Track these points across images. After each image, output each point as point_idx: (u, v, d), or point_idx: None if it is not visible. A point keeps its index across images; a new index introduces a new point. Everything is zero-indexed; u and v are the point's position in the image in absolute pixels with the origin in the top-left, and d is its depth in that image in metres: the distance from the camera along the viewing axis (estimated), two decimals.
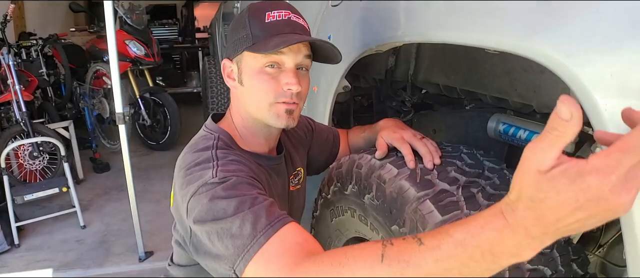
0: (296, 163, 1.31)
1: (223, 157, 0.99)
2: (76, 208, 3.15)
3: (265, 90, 1.03)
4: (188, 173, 0.96)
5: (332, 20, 1.54)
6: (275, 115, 1.05)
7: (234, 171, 0.94)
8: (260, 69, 1.03)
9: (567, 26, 0.68)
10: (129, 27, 4.50)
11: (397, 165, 1.06)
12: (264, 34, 1.01)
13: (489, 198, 0.95)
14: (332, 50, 1.08)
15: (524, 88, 1.22)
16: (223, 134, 1.09)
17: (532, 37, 0.72)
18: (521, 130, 1.27)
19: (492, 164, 1.09)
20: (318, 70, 1.68)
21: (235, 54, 1.07)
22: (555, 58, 0.69)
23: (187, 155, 1.03)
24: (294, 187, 1.30)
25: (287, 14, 1.04)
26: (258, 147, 1.14)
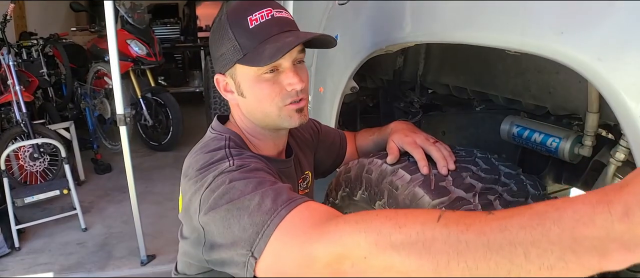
0: (304, 167, 1.28)
1: (237, 154, 0.94)
2: (77, 211, 3.11)
3: (270, 97, 0.99)
4: (201, 172, 0.92)
5: (339, 19, 1.50)
6: (288, 117, 1.01)
7: (251, 162, 0.90)
8: (259, 77, 0.98)
9: (598, 26, 0.64)
10: (131, 27, 4.46)
11: (409, 171, 1.02)
12: (253, 42, 0.95)
13: (507, 205, 0.91)
14: (327, 38, 1.03)
15: (538, 89, 1.18)
16: (233, 135, 1.04)
17: (559, 38, 0.68)
18: (536, 133, 1.23)
19: (508, 169, 1.05)
20: (325, 71, 1.65)
21: (226, 68, 1.01)
22: (585, 61, 0.64)
23: (198, 156, 0.97)
24: (302, 192, 1.26)
25: (268, 11, 0.96)
26: (267, 150, 1.11)
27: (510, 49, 0.79)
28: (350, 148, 1.42)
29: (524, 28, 0.75)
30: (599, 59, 0.62)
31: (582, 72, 0.66)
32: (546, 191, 1.02)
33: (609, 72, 0.62)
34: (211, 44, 1.04)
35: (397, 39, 1.12)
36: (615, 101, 0.62)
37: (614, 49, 0.62)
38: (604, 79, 0.62)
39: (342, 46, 1.46)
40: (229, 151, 0.95)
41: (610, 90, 0.62)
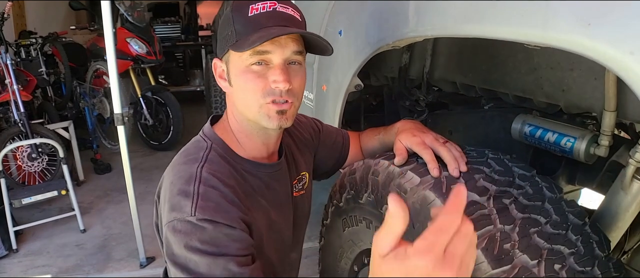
0: (300, 168, 1.23)
1: (205, 184, 0.93)
2: (76, 212, 3.06)
3: (252, 90, 0.96)
4: (171, 190, 0.95)
5: (343, 14, 1.45)
6: (266, 116, 0.98)
7: (213, 210, 0.90)
8: (246, 68, 0.96)
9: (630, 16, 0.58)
10: (130, 25, 4.41)
11: (419, 173, 0.97)
12: (246, 30, 0.94)
13: (524, 210, 0.86)
14: (322, 43, 1.00)
15: (551, 87, 1.13)
16: (217, 142, 1.05)
17: (587, 30, 0.62)
18: (549, 133, 1.18)
19: (522, 171, 1.00)
20: (328, 68, 1.59)
21: (222, 53, 1.02)
22: (616, 55, 0.59)
23: (177, 166, 1.00)
24: (297, 193, 1.22)
25: (272, 4, 0.95)
26: (256, 151, 1.08)
27: (530, 42, 0.74)
28: (354, 148, 1.38)
29: (546, 20, 0.69)
30: (632, 52, 0.57)
31: (612, 67, 0.60)
32: (562, 193, 0.97)
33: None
34: (218, 28, 1.04)
35: (405, 33, 1.06)
36: None
37: None
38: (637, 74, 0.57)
39: (346, 42, 1.41)
40: (199, 173, 0.95)
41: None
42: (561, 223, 0.86)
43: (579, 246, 0.84)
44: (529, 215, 0.85)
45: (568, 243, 0.83)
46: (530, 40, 0.73)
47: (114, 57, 2.29)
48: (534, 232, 0.82)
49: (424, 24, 1.00)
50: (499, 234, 0.80)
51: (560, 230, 0.85)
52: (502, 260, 0.78)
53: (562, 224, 0.86)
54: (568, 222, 0.88)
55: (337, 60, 1.47)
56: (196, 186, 0.92)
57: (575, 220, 0.89)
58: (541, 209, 0.88)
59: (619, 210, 1.00)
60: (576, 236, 0.85)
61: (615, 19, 0.60)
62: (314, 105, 1.79)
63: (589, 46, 0.62)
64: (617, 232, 1.03)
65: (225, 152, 1.04)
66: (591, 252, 0.85)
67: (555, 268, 0.79)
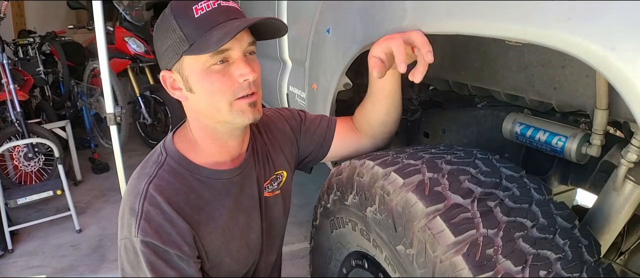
0: (276, 166, 1.22)
1: (149, 202, 0.97)
2: (71, 212, 3.04)
3: (220, 91, 0.95)
4: (124, 202, 1.01)
5: (331, 11, 1.41)
6: (240, 113, 0.97)
7: (155, 231, 0.95)
8: (207, 69, 0.94)
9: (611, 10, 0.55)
10: (129, 24, 4.40)
11: (402, 175, 0.94)
12: (199, 31, 0.90)
13: (509, 213, 0.83)
14: (276, 24, 0.99)
15: (542, 84, 1.10)
16: (173, 154, 1.05)
17: (567, 25, 0.59)
18: (540, 132, 1.15)
19: (511, 171, 0.97)
20: (317, 67, 1.57)
21: (172, 62, 0.96)
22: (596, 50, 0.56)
23: (132, 179, 1.04)
24: (271, 193, 1.21)
25: (215, 1, 0.92)
26: (218, 156, 1.08)
27: (511, 39, 0.71)
28: (344, 129, 1.31)
29: (526, 15, 0.66)
30: (613, 48, 0.54)
31: (593, 63, 0.57)
32: (551, 195, 0.93)
33: (624, 62, 0.53)
34: (155, 41, 0.99)
35: (390, 30, 1.03)
36: (631, 96, 0.54)
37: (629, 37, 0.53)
38: (618, 71, 0.54)
39: (334, 40, 1.38)
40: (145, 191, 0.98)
41: (625, 83, 0.54)
42: (548, 227, 0.83)
43: (567, 251, 0.81)
44: (514, 219, 0.82)
45: (555, 248, 0.80)
46: (510, 36, 0.70)
47: (106, 56, 2.26)
48: (519, 237, 0.79)
49: (407, 21, 0.97)
50: (481, 239, 0.77)
51: (547, 234, 0.82)
52: (484, 267, 0.74)
53: (550, 228, 0.83)
54: (556, 225, 0.85)
55: (326, 58, 1.44)
56: (141, 204, 0.96)
57: (564, 224, 0.86)
58: (528, 212, 0.84)
59: (612, 211, 0.97)
60: (564, 240, 0.82)
61: (596, 14, 0.57)
62: (306, 104, 1.77)
63: (569, 42, 0.59)
64: (610, 234, 1.00)
65: (180, 163, 1.04)
66: (580, 257, 0.82)
67: (541, 274, 0.76)
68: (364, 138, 1.27)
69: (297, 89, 1.87)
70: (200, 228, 1.02)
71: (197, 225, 1.01)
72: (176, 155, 1.05)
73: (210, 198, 1.05)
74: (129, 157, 3.96)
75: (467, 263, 0.75)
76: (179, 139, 1.09)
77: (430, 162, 0.96)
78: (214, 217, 1.05)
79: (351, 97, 1.81)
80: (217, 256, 1.07)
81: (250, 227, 1.15)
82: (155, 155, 1.06)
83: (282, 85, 2.08)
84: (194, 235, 1.00)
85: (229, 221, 1.08)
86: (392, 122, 1.23)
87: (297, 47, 1.82)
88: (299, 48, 1.77)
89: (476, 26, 0.77)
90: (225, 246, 1.08)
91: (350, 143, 1.29)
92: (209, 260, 1.06)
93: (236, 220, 1.10)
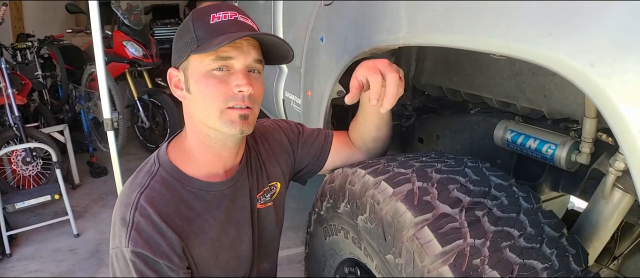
0: (271, 178, 1.23)
1: (140, 212, 0.98)
2: (69, 216, 3.05)
3: (214, 95, 0.96)
4: (116, 212, 1.02)
5: (324, 20, 1.43)
6: (228, 122, 0.98)
7: (145, 241, 0.96)
8: (208, 73, 0.96)
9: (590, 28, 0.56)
10: (127, 28, 4.39)
11: (392, 184, 0.94)
12: (209, 35, 0.94)
13: (497, 222, 0.84)
14: (283, 47, 1.01)
15: (532, 92, 1.11)
16: (165, 165, 1.06)
17: (547, 41, 0.60)
18: (531, 139, 1.15)
19: (500, 180, 0.98)
20: (312, 74, 1.58)
21: (180, 61, 1.00)
22: (575, 66, 0.57)
23: (125, 189, 1.05)
24: (263, 205, 1.21)
25: (233, 14, 0.97)
26: (211, 167, 1.09)
27: (495, 53, 0.71)
28: (339, 143, 1.32)
29: (508, 30, 0.67)
30: (592, 64, 0.55)
31: (573, 78, 0.58)
32: (540, 203, 0.94)
33: (603, 79, 0.54)
34: (174, 39, 1.04)
35: (379, 41, 1.05)
36: (610, 111, 0.55)
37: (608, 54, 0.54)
38: (597, 87, 0.55)
39: (327, 49, 1.39)
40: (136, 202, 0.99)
41: (602, 98, 0.55)
42: (536, 236, 0.84)
43: (554, 260, 0.82)
44: (501, 228, 0.83)
45: (542, 258, 0.81)
46: (494, 50, 0.71)
47: (103, 61, 2.27)
48: (506, 246, 0.80)
49: (396, 32, 0.98)
50: (468, 249, 0.78)
51: (534, 244, 0.82)
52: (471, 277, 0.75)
53: (537, 237, 0.84)
54: (543, 234, 0.85)
55: (320, 66, 1.45)
56: (132, 214, 0.98)
57: (552, 233, 0.87)
58: (515, 221, 0.85)
59: (601, 219, 0.97)
60: (551, 250, 0.83)
61: (576, 31, 0.57)
62: (301, 110, 1.77)
63: (549, 57, 0.60)
64: (600, 241, 1.01)
65: (172, 174, 1.05)
66: (567, 266, 0.83)
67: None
68: (358, 152, 1.29)
69: (293, 95, 1.88)
70: (190, 240, 1.03)
71: (187, 237, 1.02)
72: (169, 166, 1.06)
73: (201, 210, 1.06)
74: (127, 160, 3.97)
75: (453, 274, 0.76)
76: (173, 148, 1.10)
77: (420, 171, 0.97)
78: (204, 229, 1.06)
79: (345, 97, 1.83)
80: (206, 268, 1.08)
81: (241, 239, 1.15)
82: (148, 166, 1.07)
83: (278, 91, 2.09)
84: (184, 247, 1.01)
85: (219, 233, 1.09)
86: (383, 136, 1.24)
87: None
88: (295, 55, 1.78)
89: (461, 40, 0.78)
90: (215, 258, 1.09)
91: (346, 156, 1.29)
92: (198, 271, 1.07)
93: (226, 232, 1.11)
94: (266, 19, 2.21)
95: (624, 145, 0.54)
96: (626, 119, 0.52)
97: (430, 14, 0.86)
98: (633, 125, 0.52)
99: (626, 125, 0.52)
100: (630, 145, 0.53)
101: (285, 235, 1.42)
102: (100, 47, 2.22)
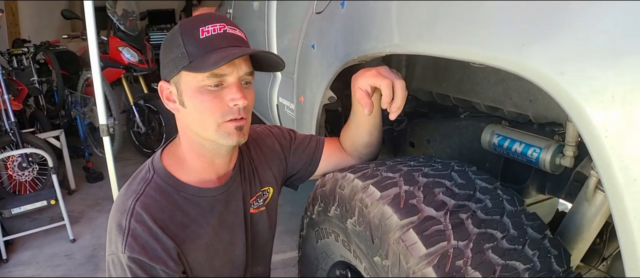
0: (263, 183, 1.25)
1: (136, 219, 1.00)
2: (65, 222, 3.06)
3: (210, 110, 0.99)
4: (112, 218, 1.03)
5: (316, 28, 1.46)
6: (225, 134, 1.01)
7: (141, 247, 0.98)
8: (202, 88, 0.97)
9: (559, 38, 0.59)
10: (122, 34, 4.41)
11: (380, 188, 0.97)
12: (200, 51, 0.95)
13: (480, 225, 0.86)
14: (274, 59, 1.04)
15: (518, 97, 1.13)
16: (160, 172, 1.08)
17: (522, 51, 0.63)
18: (517, 143, 1.18)
19: (485, 183, 1.00)
20: (304, 80, 1.60)
21: (171, 75, 1.01)
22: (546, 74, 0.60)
23: (120, 196, 1.07)
24: (256, 209, 1.24)
25: (222, 26, 0.98)
26: (205, 173, 1.11)
27: (473, 61, 0.74)
28: (331, 149, 1.34)
29: (485, 40, 0.70)
30: (562, 73, 0.58)
31: (544, 86, 0.61)
32: (524, 206, 0.97)
33: (572, 86, 0.57)
34: (161, 52, 1.04)
35: (368, 49, 1.07)
36: (579, 118, 0.57)
37: (576, 63, 0.57)
38: (567, 94, 0.58)
39: (318, 56, 1.42)
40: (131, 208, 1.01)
41: (572, 105, 0.57)
42: (518, 238, 0.86)
43: (536, 261, 0.84)
44: (485, 230, 0.85)
45: (524, 259, 0.83)
46: (472, 59, 0.74)
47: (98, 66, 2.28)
48: (489, 248, 0.82)
49: (382, 41, 1.01)
50: (452, 250, 0.81)
51: (516, 245, 0.85)
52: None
53: (520, 239, 0.86)
54: (526, 236, 0.88)
55: (311, 73, 1.48)
56: (128, 220, 1.00)
57: (534, 234, 0.89)
58: (499, 223, 0.88)
59: (584, 221, 1.00)
60: (533, 251, 0.85)
61: (547, 41, 0.60)
62: (294, 116, 1.80)
63: (523, 66, 0.63)
64: (583, 243, 1.03)
65: (167, 180, 1.07)
66: (548, 267, 0.85)
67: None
68: (350, 157, 1.31)
69: (286, 100, 1.91)
70: (185, 245, 1.05)
71: (182, 242, 1.05)
72: (163, 172, 1.08)
73: (195, 215, 1.09)
74: (123, 165, 3.98)
75: (437, 274, 0.79)
76: (167, 155, 1.12)
77: (407, 175, 0.99)
78: (198, 234, 1.08)
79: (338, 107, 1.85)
80: (201, 272, 1.10)
81: (234, 244, 1.18)
82: (143, 172, 1.09)
83: (272, 97, 2.12)
84: (179, 252, 1.03)
85: (213, 238, 1.11)
86: (375, 142, 1.27)
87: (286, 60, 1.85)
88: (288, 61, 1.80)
89: (443, 49, 0.81)
90: (209, 263, 1.11)
91: (337, 162, 1.32)
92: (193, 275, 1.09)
93: (220, 237, 1.13)
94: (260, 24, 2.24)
95: (592, 149, 0.57)
96: (593, 124, 0.55)
97: (415, 24, 0.89)
98: (599, 130, 0.54)
99: (593, 129, 0.55)
100: (598, 149, 0.55)
101: (280, 238, 1.44)
102: (95, 53, 2.23)
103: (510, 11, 0.67)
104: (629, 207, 0.55)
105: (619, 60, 0.52)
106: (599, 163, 0.56)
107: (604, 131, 0.54)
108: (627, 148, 0.53)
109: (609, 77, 0.53)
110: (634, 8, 0.52)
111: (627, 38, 0.52)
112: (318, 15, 1.43)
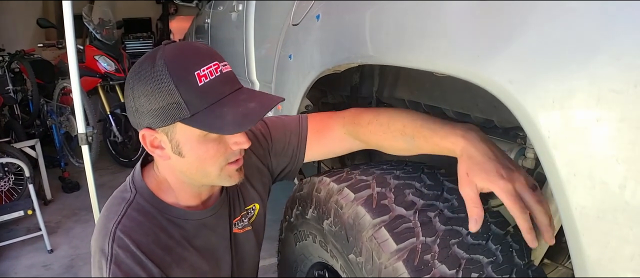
0: (247, 202, 1.22)
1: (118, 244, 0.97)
2: (42, 232, 3.04)
3: (214, 158, 0.95)
4: (95, 241, 1.00)
5: (292, 39, 1.52)
6: (227, 177, 1.00)
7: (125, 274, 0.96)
8: (205, 138, 0.92)
9: (509, 49, 0.66)
10: (99, 43, 4.41)
11: (354, 190, 1.03)
12: (203, 103, 0.87)
13: (446, 222, 0.93)
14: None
15: (484, 103, 1.20)
16: (142, 191, 1.04)
17: (477, 61, 0.70)
18: None
19: (452, 184, 1.07)
20: (281, 89, 1.66)
21: (162, 124, 0.90)
22: (499, 83, 0.67)
23: (101, 218, 1.03)
24: (241, 229, 1.21)
25: (216, 67, 0.88)
26: (190, 200, 1.08)
27: (438, 72, 0.81)
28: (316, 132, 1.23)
29: (446, 51, 0.77)
30: (510, 81, 0.65)
31: (497, 94, 0.68)
32: (488, 205, 1.04)
33: (519, 93, 0.64)
34: (140, 95, 0.89)
35: (341, 59, 1.14)
36: (526, 121, 0.64)
37: (523, 72, 0.64)
38: (515, 100, 0.65)
39: (295, 66, 1.48)
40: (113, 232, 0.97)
41: (520, 111, 0.64)
42: (482, 234, 0.93)
43: (498, 255, 0.91)
44: (451, 227, 0.92)
45: (487, 253, 0.90)
46: (436, 69, 0.80)
47: (77, 75, 2.29)
48: (455, 243, 0.89)
49: (354, 52, 1.07)
50: (420, 246, 0.87)
51: (480, 241, 0.92)
52: (422, 271, 0.84)
53: (484, 235, 0.93)
54: (490, 232, 0.95)
55: (289, 81, 1.54)
56: (110, 246, 0.96)
57: (497, 230, 0.96)
58: (464, 221, 0.94)
59: None
60: (496, 246, 0.92)
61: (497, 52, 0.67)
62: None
63: (478, 76, 0.70)
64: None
65: (150, 201, 1.03)
66: (510, 260, 0.92)
67: (473, 276, 0.85)
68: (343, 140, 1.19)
69: None
70: (171, 269, 1.02)
71: (167, 267, 1.01)
72: (146, 192, 1.03)
73: (180, 238, 1.05)
74: (100, 175, 3.96)
75: (407, 268, 0.85)
76: (149, 175, 1.07)
77: (379, 178, 1.06)
78: (184, 257, 1.06)
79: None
80: None
81: (220, 267, 1.16)
82: (122, 193, 1.05)
83: None
84: (163, 277, 1.00)
85: (199, 261, 1.08)
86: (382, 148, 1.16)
87: (264, 69, 1.91)
88: (266, 70, 1.86)
89: (409, 60, 0.88)
90: None
91: (326, 145, 1.23)
92: None
93: (206, 260, 1.10)
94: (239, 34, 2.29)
95: (538, 148, 0.64)
96: (537, 126, 0.62)
97: (383, 36, 0.96)
98: (543, 131, 0.61)
99: (538, 131, 0.62)
100: (542, 148, 0.62)
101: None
102: (74, 61, 2.24)
103: (467, 25, 0.74)
104: (571, 201, 0.62)
105: (558, 69, 0.60)
106: (544, 161, 0.63)
107: (547, 132, 0.61)
108: (567, 147, 0.60)
109: (550, 84, 0.60)
110: (574, 22, 0.59)
111: (565, 50, 0.59)
112: (295, 27, 1.49)
